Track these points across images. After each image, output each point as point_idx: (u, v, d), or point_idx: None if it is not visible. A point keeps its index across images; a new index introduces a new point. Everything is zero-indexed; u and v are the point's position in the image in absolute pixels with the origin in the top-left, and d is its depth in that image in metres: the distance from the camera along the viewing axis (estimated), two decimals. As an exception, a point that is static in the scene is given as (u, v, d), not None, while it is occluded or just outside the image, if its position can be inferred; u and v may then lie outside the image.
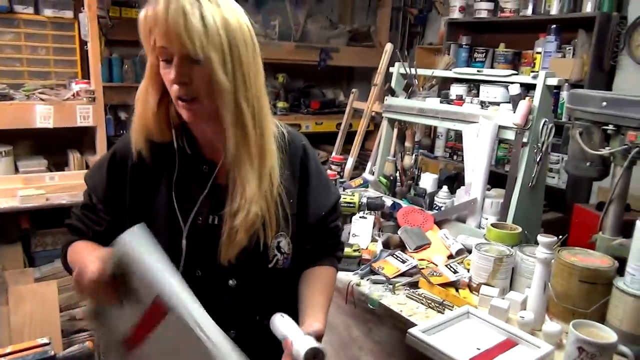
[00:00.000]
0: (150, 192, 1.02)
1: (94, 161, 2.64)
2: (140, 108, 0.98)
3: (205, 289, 0.99)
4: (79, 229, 1.08)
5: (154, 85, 0.96)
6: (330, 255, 1.19)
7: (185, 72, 0.89)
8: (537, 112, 1.70)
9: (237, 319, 1.04)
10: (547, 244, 1.28)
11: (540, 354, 1.16)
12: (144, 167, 1.01)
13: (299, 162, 1.10)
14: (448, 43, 3.36)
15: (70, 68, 2.80)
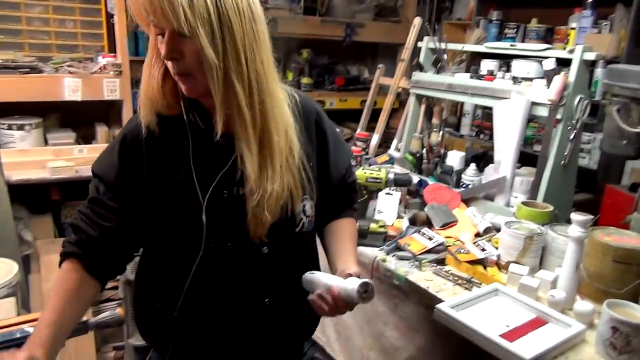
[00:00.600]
0: (168, 169, 0.98)
1: (121, 135, 2.69)
2: (145, 82, 0.95)
3: (237, 260, 1.00)
4: (81, 228, 1.00)
5: (157, 58, 0.93)
6: (349, 208, 1.22)
7: (176, 48, 0.86)
8: (573, 88, 1.64)
9: (271, 286, 1.05)
10: (582, 222, 1.25)
11: (571, 332, 1.14)
12: (158, 144, 0.98)
13: (314, 126, 1.09)
14: (477, 18, 3.27)
15: (97, 41, 2.81)
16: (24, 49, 2.63)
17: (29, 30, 2.64)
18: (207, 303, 1.03)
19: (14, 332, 1.13)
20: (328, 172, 1.11)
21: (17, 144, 2.42)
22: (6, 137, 2.42)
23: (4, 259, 1.83)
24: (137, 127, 0.98)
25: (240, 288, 1.03)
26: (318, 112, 1.12)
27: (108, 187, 0.99)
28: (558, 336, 1.12)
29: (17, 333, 1.13)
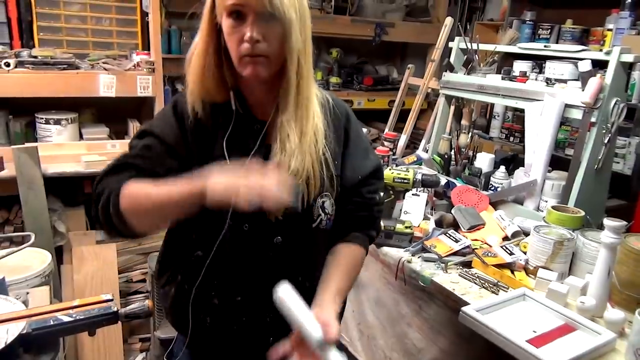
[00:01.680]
0: (206, 148, 1.03)
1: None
2: (198, 70, 0.99)
3: (251, 244, 1.03)
4: (139, 167, 0.98)
5: (213, 46, 0.98)
6: (362, 232, 1.16)
7: (260, 30, 0.92)
8: (609, 91, 1.60)
9: (280, 278, 1.01)
10: (615, 228, 1.22)
11: (601, 340, 1.11)
12: (200, 125, 1.03)
13: (342, 127, 1.13)
14: (511, 19, 3.20)
15: (131, 39, 2.88)
16: (63, 45, 2.71)
17: (67, 27, 2.73)
18: (226, 282, 1.06)
19: (47, 319, 1.17)
20: (344, 172, 1.12)
21: (54, 138, 2.49)
22: (44, 131, 2.50)
23: (39, 249, 1.90)
24: (184, 102, 1.03)
25: (255, 275, 1.06)
26: (348, 115, 1.16)
27: (168, 146, 1.01)
28: (587, 344, 1.10)
29: (50, 320, 1.17)
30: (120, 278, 2.59)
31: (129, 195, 0.93)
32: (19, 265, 1.76)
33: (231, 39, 0.94)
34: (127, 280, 2.69)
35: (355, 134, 1.15)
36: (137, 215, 0.94)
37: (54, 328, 1.17)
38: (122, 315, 1.33)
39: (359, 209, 1.15)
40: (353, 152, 1.13)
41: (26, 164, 2.18)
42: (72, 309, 1.24)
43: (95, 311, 1.29)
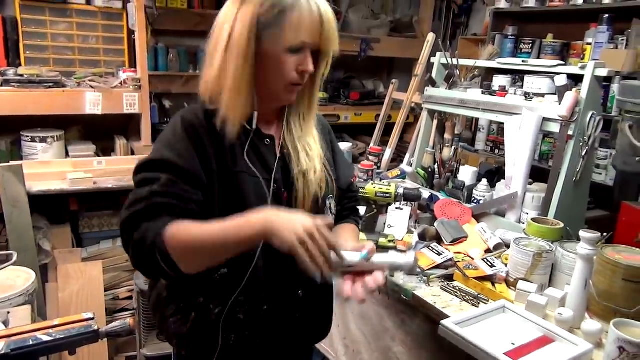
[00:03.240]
0: (228, 164, 1.06)
1: (140, 147, 2.75)
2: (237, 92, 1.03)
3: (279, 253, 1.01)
4: (174, 206, 0.97)
5: (252, 71, 1.03)
6: (354, 214, 1.36)
7: (313, 63, 1.06)
8: (585, 104, 1.63)
9: (305, 279, 1.01)
10: (589, 239, 1.24)
11: (578, 352, 1.12)
12: (220, 142, 1.05)
13: (327, 135, 1.28)
14: (493, 34, 3.27)
15: (118, 57, 2.90)
16: (49, 64, 2.73)
17: (53, 46, 2.74)
18: (253, 295, 1.09)
19: (27, 339, 1.16)
20: (338, 177, 1.25)
21: (40, 155, 2.50)
22: (29, 149, 2.50)
23: (23, 268, 1.89)
24: (196, 118, 1.05)
25: (280, 281, 1.11)
26: (329, 128, 1.32)
27: (192, 176, 1.00)
28: (564, 356, 1.11)
29: (29, 340, 1.16)
30: (106, 295, 2.58)
31: (178, 241, 0.93)
32: (1, 284, 1.75)
33: (282, 68, 1.03)
34: (113, 297, 2.67)
35: (335, 142, 1.32)
36: (188, 261, 0.95)
37: (33, 348, 1.17)
38: (103, 334, 1.33)
39: (350, 202, 1.34)
40: (340, 158, 1.31)
41: (10, 182, 2.18)
42: (51, 328, 1.24)
43: (75, 330, 1.28)
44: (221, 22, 1.05)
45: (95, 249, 2.65)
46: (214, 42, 1.05)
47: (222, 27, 1.04)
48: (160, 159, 1.00)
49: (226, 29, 1.02)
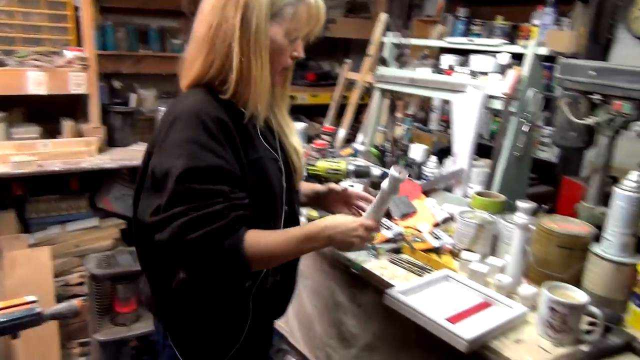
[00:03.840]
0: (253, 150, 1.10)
1: (88, 129, 2.67)
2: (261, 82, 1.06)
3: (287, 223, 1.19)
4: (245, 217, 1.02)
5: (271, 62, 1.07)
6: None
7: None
8: (526, 82, 1.70)
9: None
10: (526, 209, 1.30)
11: (513, 314, 1.18)
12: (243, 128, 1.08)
13: None
14: (446, 15, 3.32)
15: (63, 35, 2.78)
16: (-13, 42, 2.60)
17: (-8, 23, 2.61)
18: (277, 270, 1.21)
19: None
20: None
21: (-20, 138, 2.39)
22: (-32, 132, 2.39)
23: (-38, 253, 1.82)
24: (220, 111, 1.03)
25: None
26: None
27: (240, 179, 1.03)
28: (500, 318, 1.16)
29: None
30: (57, 282, 2.51)
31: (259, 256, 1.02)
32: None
33: (282, 54, 1.09)
34: (64, 284, 2.61)
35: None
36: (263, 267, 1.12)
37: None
38: (47, 316, 1.30)
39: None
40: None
41: (-52, 165, 2.08)
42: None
43: (18, 313, 1.26)
44: (223, 5, 1.02)
45: (43, 235, 2.58)
46: (215, 26, 1.03)
47: (228, 11, 1.02)
48: (208, 166, 0.97)
49: (234, 15, 1.01)
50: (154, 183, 1.03)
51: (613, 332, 1.13)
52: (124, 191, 2.82)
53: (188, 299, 1.12)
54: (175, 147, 0.98)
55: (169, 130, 1.00)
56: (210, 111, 1.01)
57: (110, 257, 2.35)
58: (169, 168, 0.97)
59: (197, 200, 0.95)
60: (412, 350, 1.40)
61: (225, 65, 1.04)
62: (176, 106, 1.06)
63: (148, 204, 1.05)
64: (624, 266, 1.23)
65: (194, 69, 1.07)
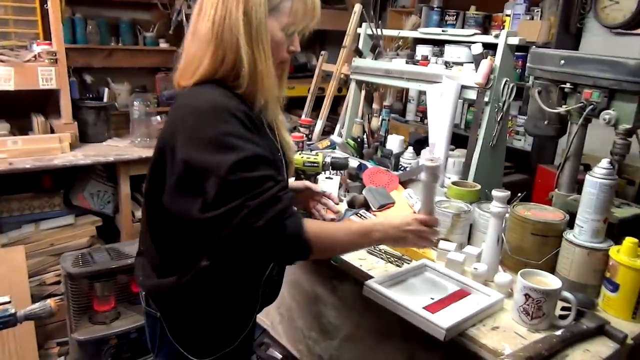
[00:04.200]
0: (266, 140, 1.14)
1: (60, 125, 2.61)
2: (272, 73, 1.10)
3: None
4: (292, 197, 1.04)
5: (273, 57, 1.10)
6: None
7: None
8: (499, 72, 1.72)
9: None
10: (501, 198, 1.32)
11: (490, 301, 1.21)
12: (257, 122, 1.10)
13: None
14: (420, 5, 3.33)
15: (30, 29, 2.71)
16: (-50, 36, 2.51)
17: (-45, 17, 2.52)
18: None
19: None
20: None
21: (-55, 136, 2.31)
22: None
23: None
24: (242, 105, 1.06)
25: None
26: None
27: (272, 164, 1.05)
28: (477, 305, 1.18)
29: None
30: (32, 282, 2.47)
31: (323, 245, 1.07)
32: None
33: (280, 48, 1.11)
34: (40, 283, 2.56)
35: None
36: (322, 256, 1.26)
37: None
38: (22, 317, 1.28)
39: None
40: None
41: None
42: (-38, 315, 1.18)
43: (-10, 315, 1.23)
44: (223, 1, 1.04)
45: (17, 234, 2.52)
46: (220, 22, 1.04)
47: (230, 6, 1.03)
48: (253, 155, 0.99)
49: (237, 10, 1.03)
50: (191, 178, 1.01)
51: (586, 316, 1.17)
52: (99, 187, 2.77)
53: (203, 288, 1.13)
54: (214, 141, 0.98)
55: (198, 125, 1.00)
56: (235, 104, 1.04)
57: (87, 255, 2.31)
58: (214, 163, 0.97)
59: (250, 189, 0.96)
60: (392, 339, 1.41)
61: (237, 60, 1.05)
62: (196, 100, 1.05)
63: (189, 200, 1.03)
64: (595, 251, 1.26)
65: (202, 65, 1.06)
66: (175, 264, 1.14)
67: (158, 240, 1.17)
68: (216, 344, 1.21)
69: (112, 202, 2.82)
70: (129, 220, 2.73)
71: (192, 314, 1.17)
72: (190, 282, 1.11)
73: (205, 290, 1.14)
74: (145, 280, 1.21)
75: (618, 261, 1.20)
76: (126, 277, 2.35)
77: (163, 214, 1.11)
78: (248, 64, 1.05)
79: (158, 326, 1.20)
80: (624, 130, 1.38)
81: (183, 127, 1.03)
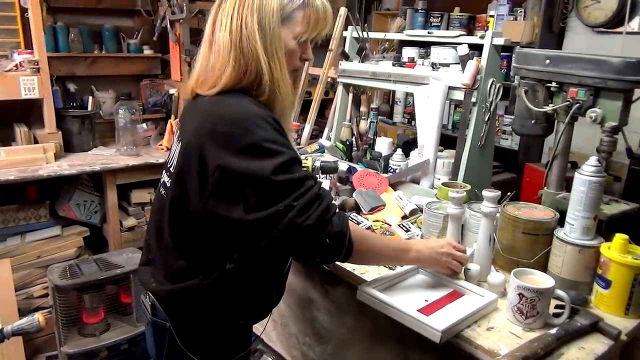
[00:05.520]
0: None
1: (44, 135, 2.56)
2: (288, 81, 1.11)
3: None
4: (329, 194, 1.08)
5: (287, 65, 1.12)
6: None
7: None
8: (485, 72, 1.72)
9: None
10: (491, 198, 1.32)
11: (484, 302, 1.20)
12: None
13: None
14: (404, 8, 3.35)
15: (11, 38, 2.67)
16: None
17: None
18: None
19: None
20: None
21: None
22: None
23: None
24: (268, 111, 1.07)
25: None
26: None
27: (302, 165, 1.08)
28: (471, 306, 1.18)
29: None
30: (18, 295, 2.42)
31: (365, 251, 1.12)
32: None
33: (293, 57, 1.12)
34: (27, 297, 2.51)
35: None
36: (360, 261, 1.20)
37: None
38: (9, 333, 1.25)
39: None
40: None
41: None
42: (-54, 333, 1.15)
43: (-24, 332, 1.20)
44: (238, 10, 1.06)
45: (2, 247, 2.47)
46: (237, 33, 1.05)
47: (245, 15, 1.05)
48: (292, 158, 1.03)
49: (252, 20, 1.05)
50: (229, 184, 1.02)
51: (580, 314, 1.17)
52: (85, 197, 2.73)
53: (223, 291, 1.14)
54: (254, 148, 1.00)
55: (235, 133, 1.01)
56: (266, 112, 1.06)
57: (74, 267, 2.27)
58: (256, 168, 1.00)
59: (294, 189, 1.00)
60: (387, 342, 1.41)
61: (258, 69, 1.06)
62: (225, 109, 1.05)
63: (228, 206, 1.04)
64: (586, 249, 1.27)
65: (225, 75, 1.07)
66: (198, 268, 1.13)
67: (181, 245, 1.15)
68: (229, 349, 1.21)
69: (99, 211, 2.78)
70: (116, 230, 2.69)
71: (207, 320, 1.17)
72: (211, 285, 1.12)
73: (224, 293, 1.14)
74: (158, 287, 1.18)
75: (609, 258, 1.21)
76: (115, 287, 2.31)
77: (189, 219, 1.10)
78: (267, 73, 1.06)
79: (167, 336, 1.18)
80: (610, 127, 1.39)
81: (217, 135, 1.03)
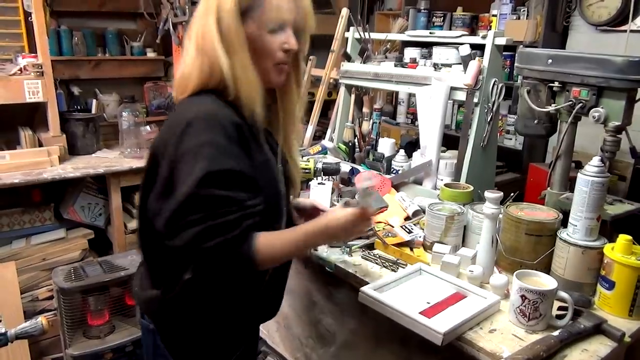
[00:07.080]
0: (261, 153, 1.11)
1: (48, 138, 2.58)
2: (251, 80, 1.06)
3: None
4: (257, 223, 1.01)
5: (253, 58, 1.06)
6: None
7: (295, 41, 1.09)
8: (487, 72, 1.72)
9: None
10: (494, 199, 1.31)
11: (487, 304, 1.20)
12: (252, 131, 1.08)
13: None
14: (407, 8, 3.34)
15: (15, 42, 2.69)
16: None
17: (-62, 31, 2.49)
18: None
19: None
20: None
21: None
22: None
23: None
24: (234, 115, 1.04)
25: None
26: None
27: (254, 182, 1.02)
28: (474, 308, 1.18)
29: None
30: (24, 297, 2.43)
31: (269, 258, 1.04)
32: None
33: (268, 48, 1.06)
34: (32, 299, 2.53)
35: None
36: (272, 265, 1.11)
37: None
38: (13, 336, 1.26)
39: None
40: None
41: None
42: (-49, 336, 1.16)
43: (-20, 335, 1.20)
44: (202, 14, 1.06)
45: (7, 250, 2.49)
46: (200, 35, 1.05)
47: (206, 18, 1.04)
48: (229, 169, 0.98)
49: (210, 21, 1.03)
50: (168, 187, 1.00)
51: (583, 315, 1.16)
52: (89, 200, 2.75)
53: (190, 300, 1.11)
54: (194, 150, 0.97)
55: (184, 134, 0.99)
56: (225, 114, 1.03)
57: (79, 269, 2.28)
58: (187, 172, 0.96)
59: (213, 207, 0.95)
60: (389, 344, 1.40)
61: (220, 69, 1.04)
62: (186, 111, 1.04)
63: (162, 208, 1.01)
64: (590, 250, 1.26)
65: (192, 79, 1.07)
66: (163, 275, 1.12)
67: (147, 252, 1.16)
68: (212, 357, 1.20)
69: (103, 214, 2.79)
70: (121, 232, 2.70)
71: (184, 326, 1.16)
72: (177, 295, 1.10)
73: (193, 302, 1.12)
74: (140, 292, 1.19)
75: (613, 259, 1.20)
76: (120, 289, 2.32)
77: (148, 227, 1.09)
78: (227, 72, 1.04)
79: (152, 338, 1.18)
80: (614, 127, 1.38)
81: (171, 136, 1.02)
